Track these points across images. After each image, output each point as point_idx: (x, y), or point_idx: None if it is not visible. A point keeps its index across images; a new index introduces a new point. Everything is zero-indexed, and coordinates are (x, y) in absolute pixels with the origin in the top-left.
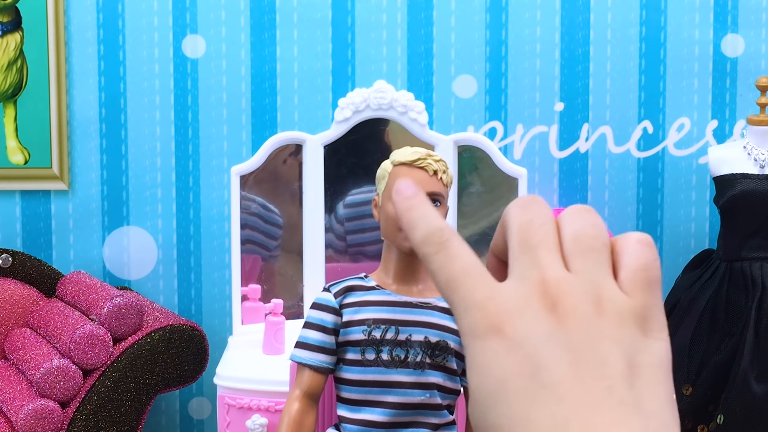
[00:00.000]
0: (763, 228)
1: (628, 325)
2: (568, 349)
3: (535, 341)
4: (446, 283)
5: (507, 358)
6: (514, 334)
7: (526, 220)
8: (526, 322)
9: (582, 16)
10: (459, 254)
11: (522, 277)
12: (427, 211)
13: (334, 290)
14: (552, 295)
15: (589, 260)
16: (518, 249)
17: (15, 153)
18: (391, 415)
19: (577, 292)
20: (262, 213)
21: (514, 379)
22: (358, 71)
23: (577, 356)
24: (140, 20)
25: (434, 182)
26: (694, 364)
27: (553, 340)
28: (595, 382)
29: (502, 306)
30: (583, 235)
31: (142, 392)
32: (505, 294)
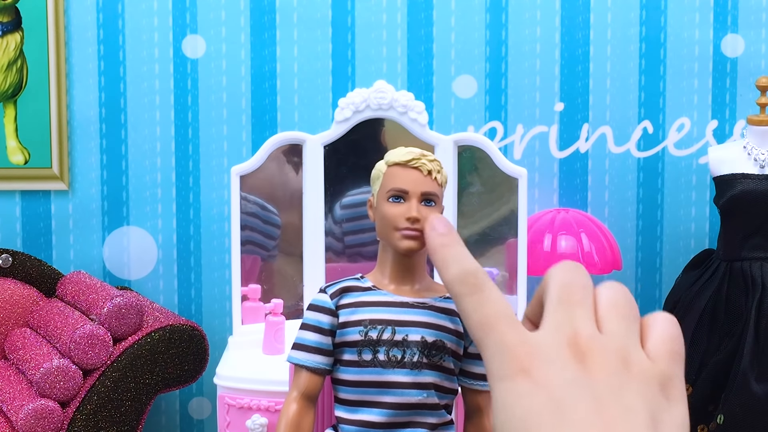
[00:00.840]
0: (763, 228)
1: (652, 386)
2: (593, 396)
3: (561, 385)
4: (479, 325)
5: (532, 397)
6: (539, 377)
7: (569, 280)
8: (554, 367)
9: (582, 16)
10: (494, 299)
11: (556, 329)
12: (462, 250)
13: (330, 291)
14: (582, 348)
15: (623, 326)
16: (556, 303)
17: (15, 153)
18: (389, 416)
19: (607, 350)
20: (261, 213)
21: (539, 417)
22: (358, 71)
23: (602, 403)
24: (140, 20)
25: (428, 182)
26: (694, 365)
27: (579, 386)
28: (619, 426)
29: (532, 351)
30: (620, 303)
31: (142, 392)
32: (537, 341)
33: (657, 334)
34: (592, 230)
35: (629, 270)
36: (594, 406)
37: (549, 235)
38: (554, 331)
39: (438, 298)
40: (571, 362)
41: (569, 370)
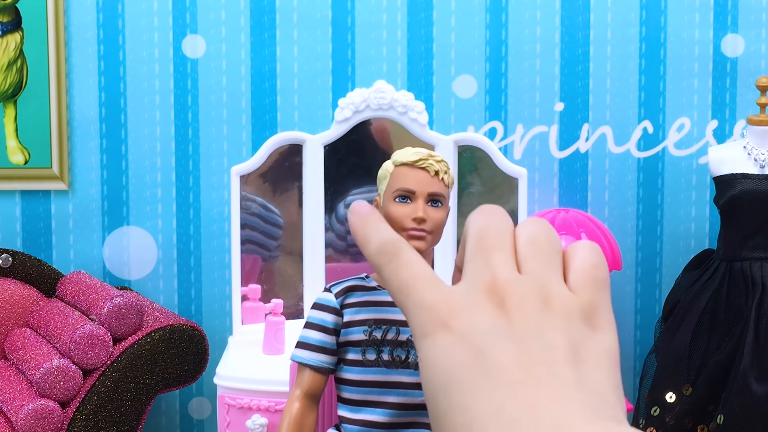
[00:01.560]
0: (763, 228)
1: (574, 319)
2: (512, 340)
3: (480, 333)
4: (399, 289)
5: (451, 350)
6: (459, 328)
7: (484, 226)
8: (472, 317)
9: (582, 16)
10: (411, 262)
11: (473, 278)
12: (380, 226)
13: (335, 290)
14: (500, 292)
15: (541, 262)
16: (472, 252)
17: (15, 153)
18: (392, 416)
19: (526, 290)
20: (263, 213)
21: (458, 369)
22: (358, 71)
23: (521, 346)
24: (140, 20)
25: (435, 182)
26: (694, 364)
27: (498, 332)
28: (538, 366)
29: (450, 304)
30: (538, 240)
31: (142, 392)
32: (455, 294)
33: (578, 264)
34: (592, 230)
35: (629, 270)
36: (514, 349)
37: None
38: (472, 280)
39: None
40: (489, 308)
41: (488, 318)
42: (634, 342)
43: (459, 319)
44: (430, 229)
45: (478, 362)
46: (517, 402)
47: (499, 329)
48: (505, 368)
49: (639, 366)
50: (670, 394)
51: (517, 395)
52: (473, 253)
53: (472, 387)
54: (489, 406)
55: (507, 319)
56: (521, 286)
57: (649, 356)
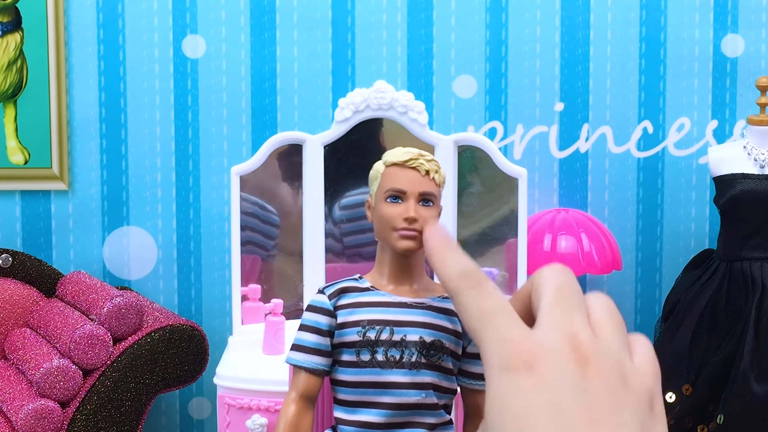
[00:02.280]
0: (763, 228)
1: (644, 403)
2: (591, 404)
3: (564, 386)
4: (480, 316)
5: (533, 393)
6: (544, 373)
7: (565, 282)
8: (558, 366)
9: (582, 16)
10: (495, 293)
11: (555, 329)
12: (462, 254)
13: (328, 292)
14: (584, 352)
15: (618, 336)
16: (554, 304)
17: (15, 153)
18: (388, 416)
19: (607, 359)
20: (260, 213)
21: (536, 415)
22: (358, 71)
23: (598, 413)
24: (140, 20)
25: (426, 182)
26: (694, 364)
27: (580, 391)
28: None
29: (535, 346)
30: (613, 312)
31: (142, 392)
32: (539, 337)
33: (642, 352)
34: (592, 230)
35: (629, 270)
36: (591, 414)
37: (549, 235)
38: (555, 331)
39: (436, 298)
40: (572, 364)
41: (571, 373)
42: None
43: (545, 364)
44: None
45: (556, 415)
46: None
47: (581, 389)
48: (580, 429)
49: None
50: (670, 394)
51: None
52: (553, 306)
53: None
54: None
55: (588, 381)
56: (602, 352)
57: None
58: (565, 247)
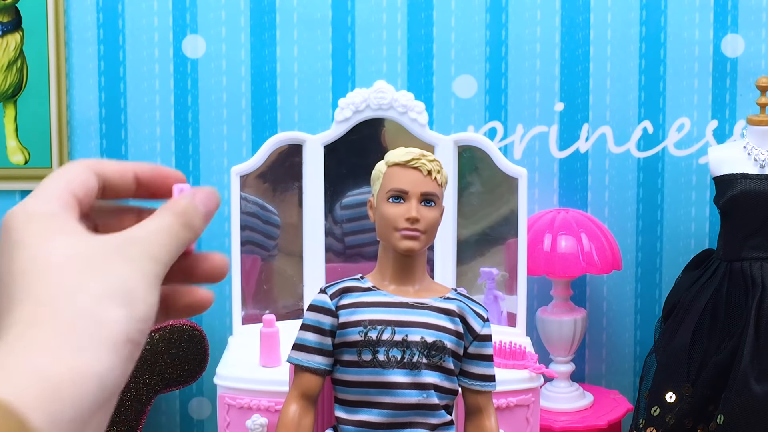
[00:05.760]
0: (763, 228)
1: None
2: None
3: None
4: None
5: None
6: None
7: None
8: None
9: (582, 16)
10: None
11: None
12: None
13: (330, 292)
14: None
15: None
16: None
17: (15, 153)
18: (389, 416)
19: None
20: (260, 213)
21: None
22: (358, 71)
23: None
24: (140, 20)
25: (428, 182)
26: (694, 364)
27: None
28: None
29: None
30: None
31: (142, 392)
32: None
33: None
34: (592, 230)
35: (629, 270)
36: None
37: (549, 235)
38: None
39: (438, 299)
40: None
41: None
42: (634, 342)
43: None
44: (424, 229)
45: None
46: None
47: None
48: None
49: (639, 366)
50: (670, 394)
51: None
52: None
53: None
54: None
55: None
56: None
57: (649, 356)
58: (565, 247)
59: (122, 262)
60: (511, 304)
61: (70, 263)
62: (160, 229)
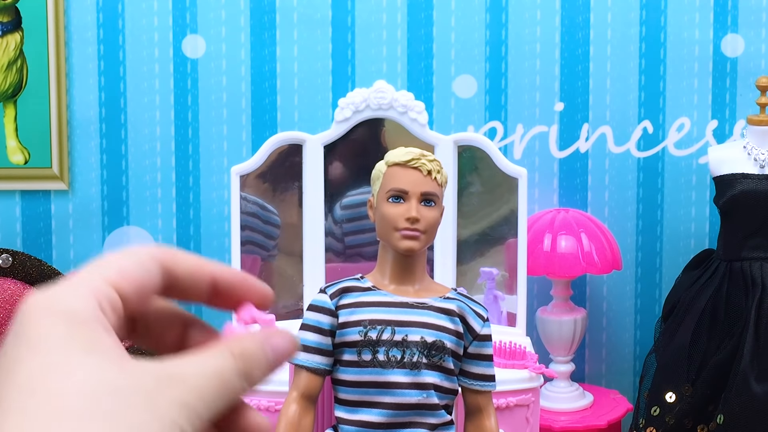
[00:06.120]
0: (763, 228)
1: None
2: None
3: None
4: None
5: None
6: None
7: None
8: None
9: (582, 16)
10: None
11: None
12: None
13: (329, 291)
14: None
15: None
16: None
17: (15, 153)
18: (389, 416)
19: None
20: (260, 213)
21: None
22: (358, 71)
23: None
24: (140, 20)
25: (428, 182)
26: (694, 364)
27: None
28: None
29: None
30: None
31: None
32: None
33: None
34: (592, 230)
35: (629, 270)
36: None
37: (549, 235)
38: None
39: (438, 299)
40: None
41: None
42: (634, 342)
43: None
44: (424, 229)
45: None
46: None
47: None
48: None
49: (639, 366)
50: (670, 394)
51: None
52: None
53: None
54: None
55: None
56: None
57: (649, 356)
58: (565, 247)
59: (146, 411)
60: (511, 304)
61: (80, 397)
62: (212, 373)
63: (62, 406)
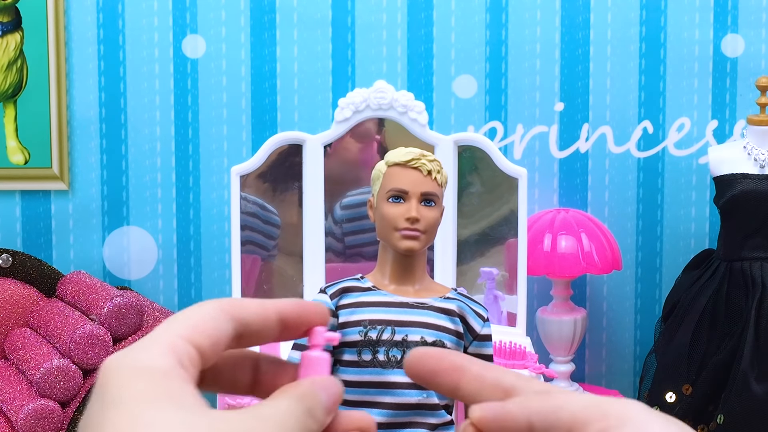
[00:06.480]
0: (763, 228)
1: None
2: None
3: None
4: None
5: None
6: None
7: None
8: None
9: (582, 16)
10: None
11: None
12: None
13: (330, 291)
14: None
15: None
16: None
17: (15, 153)
18: (389, 416)
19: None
20: (260, 213)
21: None
22: (358, 71)
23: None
24: (140, 20)
25: (428, 182)
26: (694, 364)
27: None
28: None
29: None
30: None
31: None
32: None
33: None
34: (592, 230)
35: (629, 270)
36: None
37: (549, 235)
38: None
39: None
40: None
41: None
42: (634, 342)
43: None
44: (424, 229)
45: None
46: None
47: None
48: None
49: (639, 366)
50: (670, 394)
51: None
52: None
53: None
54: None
55: None
56: None
57: (649, 356)
58: (565, 247)
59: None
60: (511, 304)
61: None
62: (286, 412)
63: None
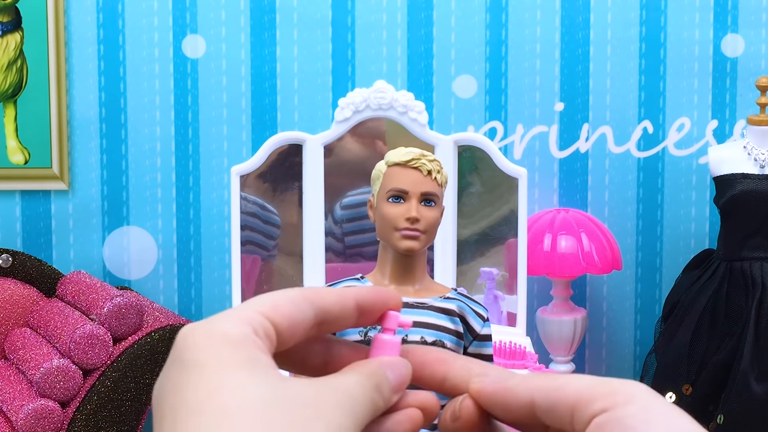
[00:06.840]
0: (763, 228)
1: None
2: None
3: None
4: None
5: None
6: None
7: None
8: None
9: (582, 16)
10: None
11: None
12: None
13: None
14: None
15: None
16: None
17: (15, 153)
18: None
19: None
20: (261, 213)
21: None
22: (358, 71)
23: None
24: (140, 20)
25: (428, 182)
26: (694, 364)
27: None
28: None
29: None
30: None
31: (142, 392)
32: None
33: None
34: (592, 230)
35: (629, 270)
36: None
37: (549, 235)
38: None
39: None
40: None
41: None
42: (634, 342)
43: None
44: (424, 229)
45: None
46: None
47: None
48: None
49: (639, 366)
50: (670, 394)
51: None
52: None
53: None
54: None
55: None
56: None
57: (649, 356)
58: (565, 247)
59: (317, 418)
60: (511, 304)
61: (250, 412)
62: (356, 384)
63: (234, 422)
